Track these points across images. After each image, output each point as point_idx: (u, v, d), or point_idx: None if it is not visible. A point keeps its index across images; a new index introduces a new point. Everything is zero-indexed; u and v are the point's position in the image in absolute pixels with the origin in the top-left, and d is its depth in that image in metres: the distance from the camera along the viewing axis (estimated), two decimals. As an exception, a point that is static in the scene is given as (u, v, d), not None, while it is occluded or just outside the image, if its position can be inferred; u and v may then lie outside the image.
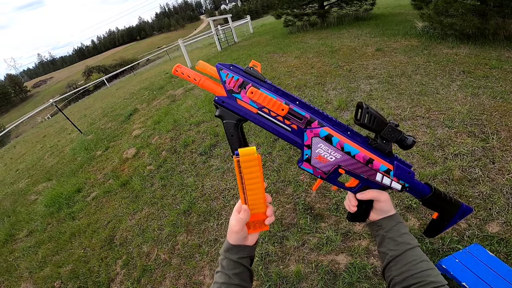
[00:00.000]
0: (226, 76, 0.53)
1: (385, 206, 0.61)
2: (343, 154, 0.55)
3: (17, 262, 3.32)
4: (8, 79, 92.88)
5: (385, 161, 0.56)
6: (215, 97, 0.55)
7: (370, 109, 0.52)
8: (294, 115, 0.53)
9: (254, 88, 0.51)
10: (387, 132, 0.54)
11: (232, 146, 0.58)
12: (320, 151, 0.54)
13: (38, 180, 5.64)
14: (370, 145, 0.56)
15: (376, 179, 0.57)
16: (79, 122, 9.46)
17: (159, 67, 17.97)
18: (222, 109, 0.55)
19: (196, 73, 0.56)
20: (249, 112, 0.54)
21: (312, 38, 8.73)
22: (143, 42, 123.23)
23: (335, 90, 4.38)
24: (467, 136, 2.65)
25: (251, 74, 0.53)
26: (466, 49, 4.75)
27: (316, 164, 0.56)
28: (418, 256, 0.55)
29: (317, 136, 0.53)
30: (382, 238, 0.60)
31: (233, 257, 0.57)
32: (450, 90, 3.54)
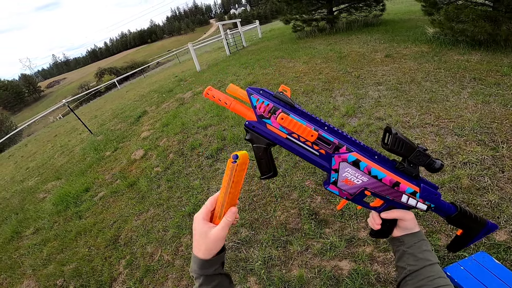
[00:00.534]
0: (256, 101, 0.54)
1: (409, 224, 0.61)
2: (370, 178, 0.56)
3: (21, 260, 3.38)
4: (23, 79, 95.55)
5: (412, 184, 0.57)
6: (245, 122, 0.56)
7: (399, 134, 0.53)
8: (323, 141, 0.54)
9: (284, 114, 0.52)
10: (415, 156, 0.54)
11: (261, 169, 0.58)
12: (347, 174, 0.56)
13: (48, 179, 5.77)
14: (397, 169, 0.57)
15: (402, 200, 0.58)
16: (89, 122, 9.65)
17: (169, 70, 18.24)
18: (252, 134, 0.56)
19: (226, 96, 0.57)
20: (279, 137, 0.55)
21: (320, 44, 8.74)
22: (154, 45, 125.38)
23: (343, 97, 4.36)
24: (476, 145, 2.61)
25: (281, 99, 0.54)
26: (478, 55, 4.68)
27: (342, 187, 0.57)
28: (436, 272, 0.55)
29: (344, 161, 0.54)
30: (402, 253, 0.60)
31: (209, 272, 0.52)
32: (461, 97, 3.49)
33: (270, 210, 2.63)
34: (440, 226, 1.98)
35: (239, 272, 2.15)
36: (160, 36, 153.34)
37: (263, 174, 0.59)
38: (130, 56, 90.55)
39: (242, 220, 2.61)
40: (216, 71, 9.16)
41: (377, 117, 3.51)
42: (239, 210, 2.74)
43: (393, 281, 1.75)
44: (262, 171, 0.59)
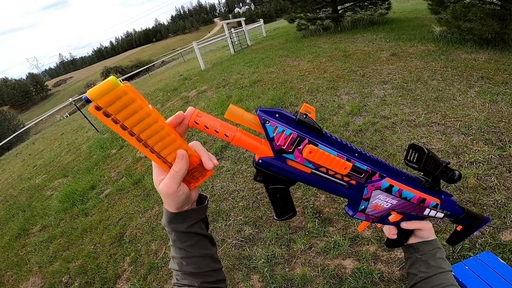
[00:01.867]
0: (274, 130, 0.40)
1: (426, 233, 0.61)
2: (400, 200, 0.54)
3: (28, 257, 3.42)
4: (30, 78, 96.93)
5: (435, 198, 0.58)
6: (257, 160, 0.42)
7: (431, 153, 0.51)
8: (356, 171, 0.47)
9: (312, 146, 0.41)
10: (441, 172, 0.54)
11: (279, 212, 0.49)
12: (378, 201, 0.52)
13: (55, 176, 5.84)
14: (423, 186, 0.57)
15: (424, 214, 0.59)
16: (96, 121, 9.73)
17: (173, 69, 18.33)
18: (267, 174, 0.43)
19: (225, 124, 0.40)
20: (302, 174, 0.44)
21: (325, 42, 8.70)
22: (159, 44, 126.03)
23: (348, 95, 4.34)
24: (483, 144, 2.58)
25: (306, 125, 0.41)
26: (485, 54, 4.62)
27: (370, 212, 0.54)
28: (447, 280, 0.54)
29: (378, 189, 0.50)
30: (415, 260, 0.60)
31: (180, 227, 0.45)
32: (468, 96, 3.45)
33: (274, 208, 2.63)
34: (445, 226, 1.96)
35: (242, 270, 2.15)
36: (165, 35, 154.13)
37: (281, 216, 0.49)
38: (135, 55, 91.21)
39: (246, 218, 2.62)
40: (220, 69, 9.18)
41: (382, 116, 3.49)
42: (243, 208, 2.75)
43: (396, 281, 1.74)
44: (280, 214, 0.49)
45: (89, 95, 0.31)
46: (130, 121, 0.33)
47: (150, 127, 0.35)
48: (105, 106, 0.31)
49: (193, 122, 0.39)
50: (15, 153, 13.49)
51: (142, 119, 0.34)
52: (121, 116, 0.33)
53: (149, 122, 0.35)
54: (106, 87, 0.30)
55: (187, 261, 0.46)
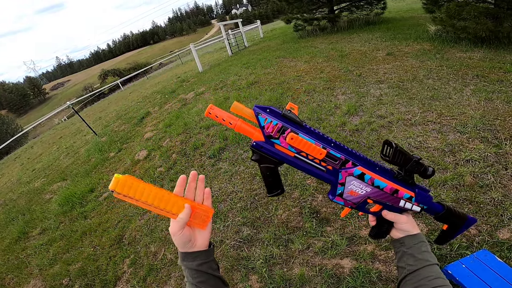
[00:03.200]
0: (264, 120, 0.52)
1: (406, 227, 0.64)
2: (373, 188, 0.60)
3: (28, 259, 3.43)
4: (28, 82, 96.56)
5: (408, 190, 0.63)
6: (253, 142, 0.55)
7: (399, 147, 0.57)
8: (331, 158, 0.56)
9: (293, 133, 0.52)
10: (411, 166, 0.59)
11: (269, 188, 0.60)
12: (352, 187, 0.59)
13: (54, 180, 5.83)
14: (396, 178, 0.62)
15: (399, 205, 0.63)
16: (94, 124, 9.74)
17: (171, 71, 18.32)
18: (260, 154, 0.56)
19: (231, 115, 0.54)
20: (287, 156, 0.56)
21: (322, 43, 8.73)
22: (156, 46, 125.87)
23: (345, 95, 4.36)
24: (479, 142, 2.60)
25: (289, 118, 0.53)
26: (480, 52, 4.65)
27: (348, 197, 0.61)
28: (435, 273, 0.57)
29: (351, 175, 0.58)
30: (403, 254, 0.63)
31: (191, 265, 0.54)
32: (463, 94, 3.48)
33: (271, 208, 2.64)
34: (441, 225, 1.97)
35: (240, 271, 2.16)
36: (162, 37, 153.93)
37: (271, 192, 0.60)
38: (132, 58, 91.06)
39: (244, 219, 2.63)
40: (218, 71, 9.19)
41: (378, 115, 3.51)
42: (241, 209, 2.77)
43: (394, 280, 1.75)
44: (270, 190, 0.60)
45: (110, 187, 0.46)
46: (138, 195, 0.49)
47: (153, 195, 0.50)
48: (120, 191, 0.47)
49: (208, 113, 0.52)
50: (13, 157, 13.44)
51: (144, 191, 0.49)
52: (132, 194, 0.48)
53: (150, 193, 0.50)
54: (115, 181, 0.46)
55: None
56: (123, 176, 0.47)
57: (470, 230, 1.88)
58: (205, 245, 0.57)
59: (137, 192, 0.49)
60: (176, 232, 0.53)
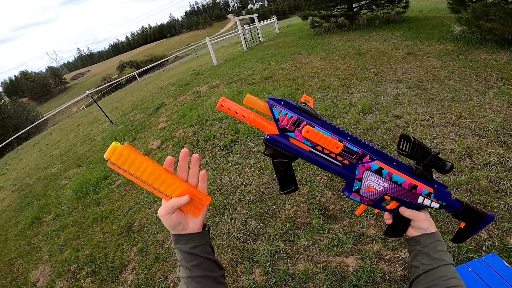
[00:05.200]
0: (279, 113, 0.50)
1: (423, 224, 0.62)
2: (391, 183, 0.57)
3: (39, 245, 3.54)
4: (50, 71, 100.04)
5: (427, 186, 0.60)
6: (266, 136, 0.53)
7: (418, 141, 0.55)
8: (347, 152, 0.53)
9: (309, 126, 0.50)
10: (429, 160, 0.57)
11: (283, 184, 0.57)
12: (370, 182, 0.57)
13: (70, 166, 6.04)
14: (414, 173, 0.60)
15: (417, 202, 0.61)
16: (110, 113, 9.98)
17: (186, 64, 18.49)
18: (274, 148, 0.53)
19: (243, 108, 0.52)
20: (302, 150, 0.53)
21: (338, 40, 8.57)
22: (172, 39, 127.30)
23: (360, 93, 4.28)
24: (498, 146, 2.49)
25: (304, 110, 0.51)
26: (506, 55, 4.43)
27: (365, 194, 0.58)
28: (449, 272, 0.55)
29: (368, 170, 0.55)
30: (417, 252, 0.61)
31: (184, 248, 0.53)
32: (485, 97, 3.34)
33: (280, 203, 2.64)
34: (453, 227, 1.92)
35: (245, 263, 2.17)
36: (179, 30, 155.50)
37: (284, 189, 0.58)
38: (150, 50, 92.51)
39: (251, 212, 2.64)
40: (232, 65, 9.20)
41: (394, 115, 3.42)
42: (249, 202, 2.78)
43: (398, 281, 1.72)
44: (284, 186, 0.57)
45: (106, 156, 0.44)
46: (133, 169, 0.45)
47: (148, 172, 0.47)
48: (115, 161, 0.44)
49: (220, 105, 0.50)
50: (32, 143, 13.98)
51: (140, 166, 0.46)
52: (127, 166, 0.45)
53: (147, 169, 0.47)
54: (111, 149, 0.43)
55: (192, 280, 0.52)
56: (121, 146, 0.44)
57: (480, 234, 1.84)
58: (197, 227, 0.55)
59: (132, 166, 0.45)
60: (164, 215, 0.51)
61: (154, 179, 0.48)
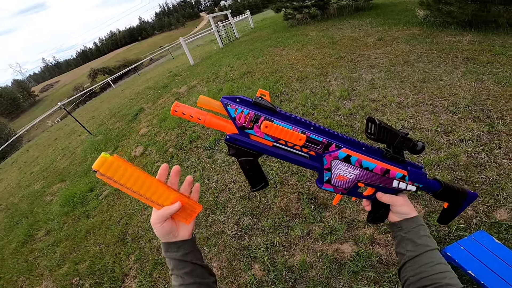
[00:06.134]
0: (235, 111, 0.48)
1: (402, 209, 0.61)
2: (362, 170, 0.56)
3: (37, 261, 3.45)
4: (16, 85, 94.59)
5: (400, 169, 0.59)
6: (226, 136, 0.51)
7: (383, 124, 0.54)
8: (312, 142, 0.52)
9: (267, 121, 0.48)
10: (399, 142, 0.56)
11: (252, 183, 0.56)
12: (339, 171, 0.55)
13: (53, 182, 5.80)
14: (385, 157, 0.58)
15: (393, 186, 0.60)
16: (88, 123, 9.62)
17: (162, 66, 18.06)
18: (235, 148, 0.52)
19: (198, 111, 0.50)
20: (265, 146, 0.52)
21: (312, 31, 8.67)
22: (145, 42, 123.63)
23: (337, 81, 4.37)
24: (472, 121, 2.64)
25: (261, 105, 0.49)
26: (469, 36, 4.66)
27: (337, 183, 0.57)
28: (435, 258, 0.55)
29: (336, 159, 0.54)
30: (401, 239, 0.60)
31: (176, 255, 0.53)
32: (454, 76, 3.51)
33: (270, 196, 2.67)
34: (439, 206, 1.98)
35: (243, 260, 2.20)
36: (151, 32, 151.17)
37: (254, 187, 0.57)
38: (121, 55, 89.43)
39: (243, 208, 2.67)
40: (209, 63, 9.10)
41: (371, 99, 3.54)
42: (240, 199, 2.80)
43: (395, 263, 1.77)
44: (253, 184, 0.56)
45: (94, 167, 0.42)
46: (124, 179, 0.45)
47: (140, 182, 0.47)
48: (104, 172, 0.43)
49: (173, 111, 0.49)
50: (10, 162, 13.31)
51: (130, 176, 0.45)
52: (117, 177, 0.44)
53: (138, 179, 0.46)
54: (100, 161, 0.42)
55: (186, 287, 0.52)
56: (110, 157, 0.43)
57: (467, 211, 1.89)
58: (188, 235, 0.55)
59: (123, 177, 0.44)
60: (156, 224, 0.51)
61: (146, 189, 0.48)
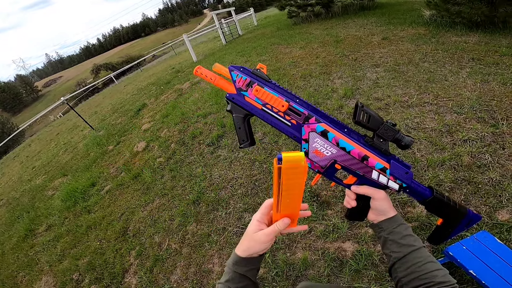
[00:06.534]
0: (236, 76, 0.61)
1: (381, 205, 0.60)
2: (339, 150, 0.57)
3: (37, 256, 3.46)
4: (19, 80, 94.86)
5: (381, 159, 0.57)
6: (226, 94, 0.63)
7: (365, 107, 0.55)
8: (294, 111, 0.58)
9: (259, 86, 0.59)
10: (383, 130, 0.56)
11: (240, 138, 0.65)
12: (316, 145, 0.58)
13: (54, 176, 5.83)
14: (366, 142, 0.58)
15: (372, 177, 0.58)
16: (90, 119, 9.64)
17: (165, 62, 18.06)
18: (232, 105, 0.63)
19: (212, 73, 0.64)
20: (255, 108, 0.61)
21: (316, 29, 8.62)
22: (148, 38, 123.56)
23: (341, 79, 4.35)
24: (476, 122, 2.62)
25: (257, 75, 0.61)
26: (476, 37, 4.62)
27: (313, 158, 0.60)
28: (423, 257, 0.54)
29: (313, 131, 0.57)
30: (385, 240, 0.60)
31: (241, 270, 0.54)
32: (459, 77, 3.48)
33: (272, 194, 2.66)
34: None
35: (244, 257, 2.20)
36: (154, 29, 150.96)
37: (241, 143, 0.65)
38: (125, 51, 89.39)
39: (245, 205, 2.66)
40: (212, 60, 9.09)
41: (375, 98, 3.52)
42: (242, 196, 2.79)
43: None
44: (241, 140, 0.65)
45: (285, 157, 0.42)
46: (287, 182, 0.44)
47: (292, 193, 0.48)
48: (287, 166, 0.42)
49: (195, 71, 0.64)
50: (12, 156, 13.37)
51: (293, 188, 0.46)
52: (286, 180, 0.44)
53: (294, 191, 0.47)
54: (297, 159, 0.41)
55: None
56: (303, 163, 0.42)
57: None
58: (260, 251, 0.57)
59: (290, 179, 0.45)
60: (270, 242, 0.55)
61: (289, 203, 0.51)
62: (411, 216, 1.98)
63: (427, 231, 1.86)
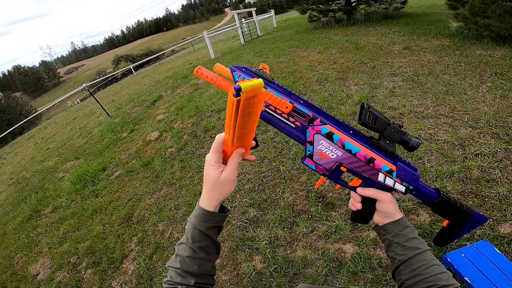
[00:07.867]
0: (238, 77, 0.59)
1: (387, 207, 0.59)
2: (344, 152, 0.56)
3: (38, 238, 3.51)
4: (43, 65, 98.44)
5: (387, 161, 0.56)
6: None
7: (371, 108, 0.53)
8: (298, 113, 0.56)
9: None
10: (389, 132, 0.54)
11: None
12: (321, 148, 0.56)
13: (67, 159, 6.00)
14: (372, 144, 0.57)
15: (379, 179, 0.58)
16: (107, 106, 9.89)
17: (183, 57, 18.34)
18: None
19: (213, 74, 0.61)
20: None
21: (336, 35, 8.58)
22: (169, 33, 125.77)
23: (357, 86, 4.33)
24: (490, 137, 2.57)
25: (260, 75, 0.58)
26: (501, 51, 4.51)
27: (318, 161, 0.58)
28: (428, 260, 0.54)
29: (318, 133, 0.55)
30: (389, 242, 0.59)
31: (202, 226, 0.52)
32: (479, 91, 3.41)
33: (278, 191, 2.69)
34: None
35: (245, 251, 2.23)
36: (175, 24, 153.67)
37: None
38: (145, 44, 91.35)
39: (251, 200, 2.70)
40: (230, 58, 9.18)
41: (390, 107, 3.49)
42: (249, 191, 2.83)
43: (395, 268, 1.77)
44: None
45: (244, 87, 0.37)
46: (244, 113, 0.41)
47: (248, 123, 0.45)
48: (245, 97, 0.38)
49: (196, 72, 0.60)
50: (27, 137, 13.79)
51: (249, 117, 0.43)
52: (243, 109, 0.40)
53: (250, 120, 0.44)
54: (256, 85, 0.37)
55: (191, 260, 0.52)
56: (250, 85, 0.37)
57: None
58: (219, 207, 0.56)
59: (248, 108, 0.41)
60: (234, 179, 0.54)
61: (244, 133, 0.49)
62: (415, 223, 1.99)
63: (430, 239, 1.84)
